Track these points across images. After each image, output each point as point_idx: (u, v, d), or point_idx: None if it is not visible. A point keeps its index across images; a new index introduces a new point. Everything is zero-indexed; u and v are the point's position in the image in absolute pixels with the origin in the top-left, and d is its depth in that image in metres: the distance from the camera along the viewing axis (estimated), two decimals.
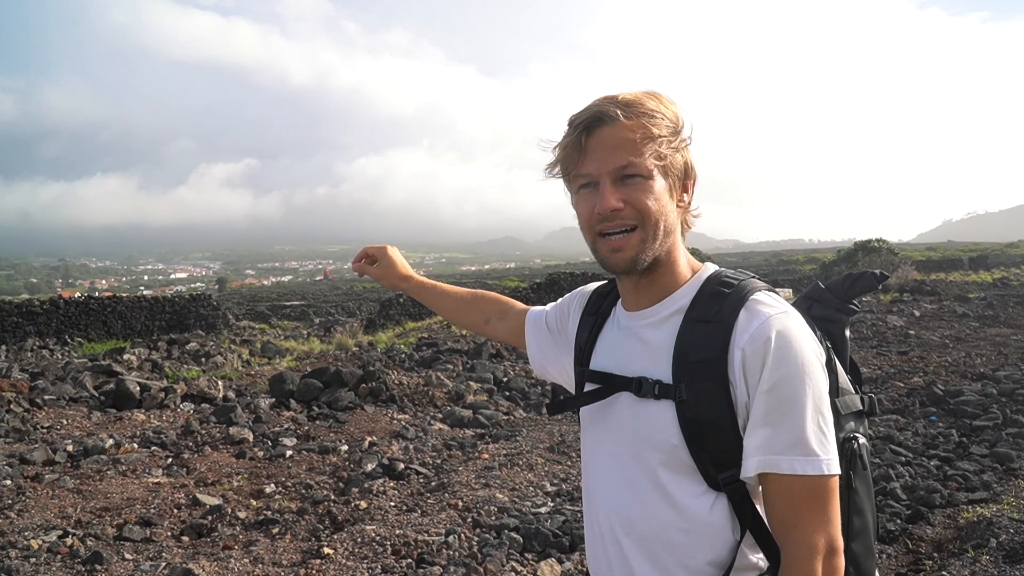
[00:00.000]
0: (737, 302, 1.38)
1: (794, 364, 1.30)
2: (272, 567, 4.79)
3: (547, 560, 4.77)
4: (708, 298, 1.42)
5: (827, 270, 32.49)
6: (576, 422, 8.56)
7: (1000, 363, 11.27)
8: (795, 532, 1.30)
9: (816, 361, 1.33)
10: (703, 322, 1.39)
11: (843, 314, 1.59)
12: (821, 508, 1.29)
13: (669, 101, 1.44)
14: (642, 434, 1.44)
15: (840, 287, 1.59)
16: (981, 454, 6.76)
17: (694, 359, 1.37)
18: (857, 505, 1.44)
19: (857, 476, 1.44)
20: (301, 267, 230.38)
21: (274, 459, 7.36)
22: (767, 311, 1.35)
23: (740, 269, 1.50)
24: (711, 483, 1.38)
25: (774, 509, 1.33)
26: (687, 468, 1.39)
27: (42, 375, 11.59)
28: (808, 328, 1.38)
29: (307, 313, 30.65)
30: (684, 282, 1.48)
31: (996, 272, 36.84)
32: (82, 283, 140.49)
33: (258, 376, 12.45)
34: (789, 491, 1.30)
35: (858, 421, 1.50)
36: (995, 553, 4.43)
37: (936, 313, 18.23)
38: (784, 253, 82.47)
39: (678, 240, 1.48)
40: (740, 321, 1.35)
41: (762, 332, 1.32)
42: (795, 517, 1.30)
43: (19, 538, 5.18)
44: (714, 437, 1.36)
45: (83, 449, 7.55)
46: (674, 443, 1.39)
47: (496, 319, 1.99)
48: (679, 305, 1.45)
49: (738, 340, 1.34)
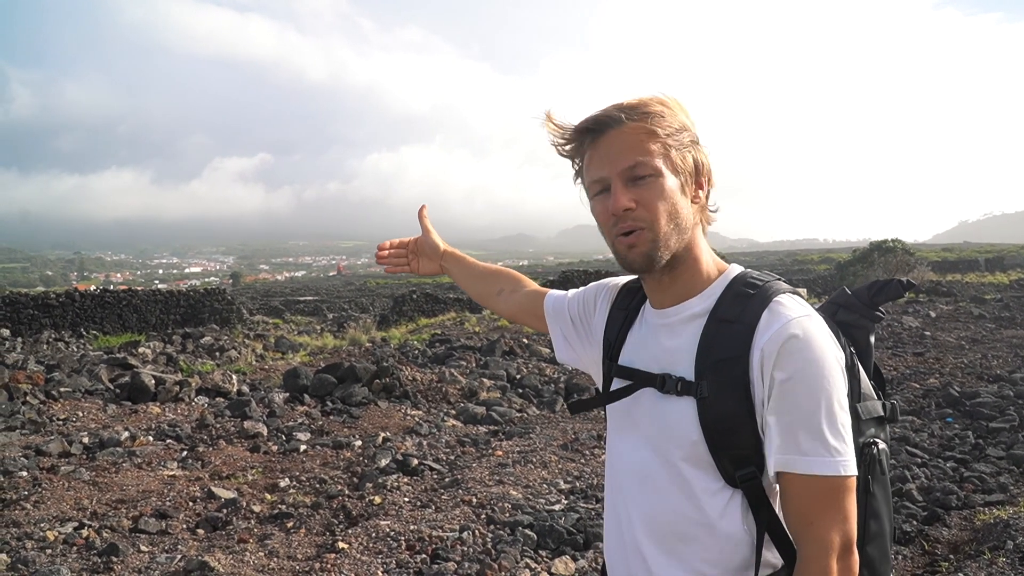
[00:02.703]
0: (760, 303, 1.39)
1: (812, 366, 1.31)
2: (287, 560, 4.81)
3: (561, 557, 4.77)
4: (733, 298, 1.43)
5: (842, 270, 32.29)
6: (589, 420, 8.55)
7: (1017, 365, 11.19)
8: (811, 530, 1.32)
9: (835, 364, 1.34)
10: (727, 322, 1.41)
11: (868, 320, 1.59)
12: (837, 507, 1.31)
13: (675, 103, 1.46)
14: (664, 430, 1.46)
15: (866, 294, 1.59)
16: (997, 456, 6.72)
17: (716, 358, 1.39)
18: (874, 509, 1.45)
19: (875, 481, 1.45)
20: (315, 262, 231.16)
21: (288, 453, 7.38)
22: (789, 313, 1.36)
23: (765, 271, 1.51)
24: (728, 480, 1.41)
25: (791, 507, 1.35)
26: (706, 464, 1.41)
27: (58, 367, 11.68)
28: (828, 331, 1.38)
29: (320, 308, 30.75)
30: (710, 281, 1.49)
31: (1013, 273, 36.60)
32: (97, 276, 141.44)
33: (272, 370, 12.50)
34: (806, 490, 1.32)
35: (879, 427, 1.51)
36: (1012, 555, 4.39)
37: (952, 314, 18.11)
38: (798, 253, 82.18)
39: (698, 238, 1.49)
40: (762, 322, 1.37)
41: (781, 334, 1.33)
42: (811, 515, 1.32)
43: (35, 529, 5.22)
44: (732, 434, 1.38)
45: (99, 441, 7.59)
46: (694, 439, 1.41)
47: (508, 292, 2.02)
48: (705, 305, 1.46)
49: (759, 341, 1.35)
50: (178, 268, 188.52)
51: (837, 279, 31.26)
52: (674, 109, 1.45)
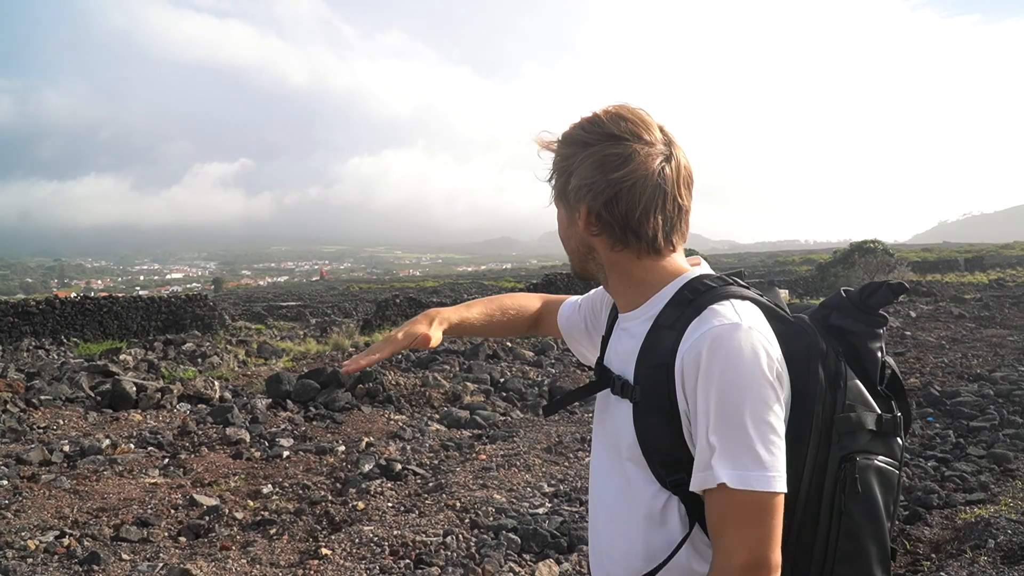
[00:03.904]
0: (695, 310, 1.37)
1: (727, 376, 1.27)
2: (270, 568, 4.78)
3: (545, 561, 4.77)
4: (676, 304, 1.42)
5: (823, 271, 32.48)
6: (573, 423, 8.60)
7: (996, 364, 11.30)
8: (720, 542, 1.30)
9: (759, 374, 1.28)
10: (666, 328, 1.40)
11: (865, 325, 1.50)
12: (749, 523, 1.26)
13: (589, 123, 1.44)
14: (612, 430, 1.51)
15: (857, 297, 1.51)
16: (978, 455, 6.78)
17: (649, 364, 1.40)
18: (847, 529, 1.37)
19: (851, 500, 1.37)
20: (297, 267, 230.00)
21: (271, 460, 7.34)
22: (714, 321, 1.32)
23: (728, 273, 1.49)
24: (662, 483, 1.41)
25: (708, 516, 1.33)
26: (643, 466, 1.43)
27: (38, 375, 11.56)
28: (758, 340, 1.31)
29: (303, 314, 30.58)
30: (661, 287, 1.47)
31: (992, 273, 36.92)
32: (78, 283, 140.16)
33: (255, 376, 12.43)
34: (717, 501, 1.29)
35: (875, 441, 1.42)
36: (993, 554, 4.43)
37: (932, 314, 18.27)
38: (780, 254, 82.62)
39: (615, 260, 1.48)
40: (688, 329, 1.35)
41: (700, 342, 1.31)
42: (720, 527, 1.30)
43: (16, 538, 5.16)
44: (660, 440, 1.39)
45: (79, 449, 7.53)
46: (630, 441, 1.44)
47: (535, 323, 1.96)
48: (653, 311, 1.46)
49: (682, 348, 1.34)
50: (159, 274, 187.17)
51: (818, 280, 31.45)
52: (578, 133, 1.45)
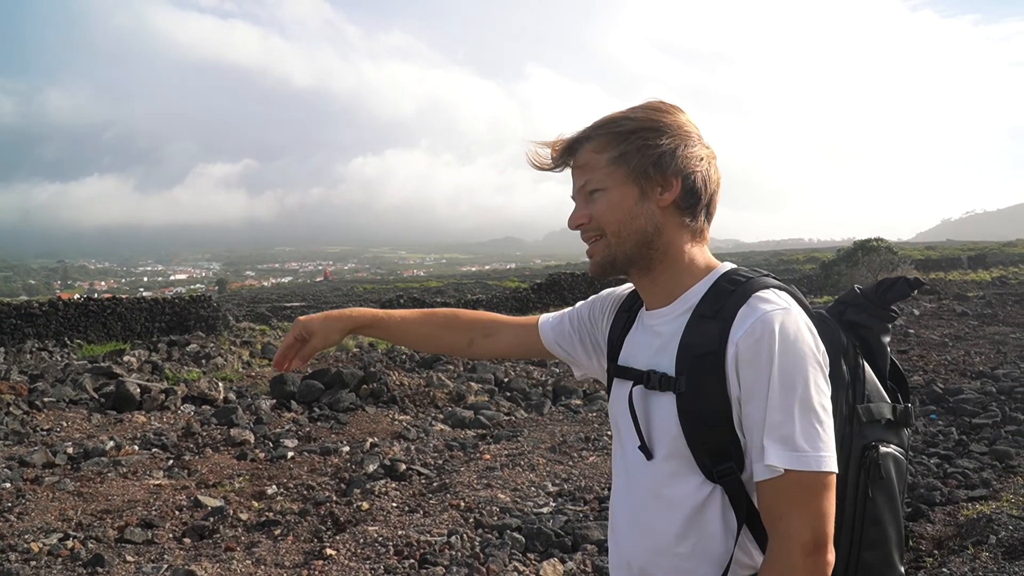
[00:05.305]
0: (740, 298, 1.41)
1: (784, 360, 1.32)
2: (275, 568, 4.79)
3: (549, 560, 4.78)
4: (715, 295, 1.45)
5: (827, 269, 32.47)
6: (577, 423, 8.59)
7: (999, 361, 11.30)
8: (779, 524, 1.33)
9: (811, 358, 1.34)
10: (706, 318, 1.43)
11: (877, 320, 1.57)
12: (808, 502, 1.31)
13: (652, 107, 1.50)
14: (647, 425, 1.50)
15: (873, 293, 1.58)
16: (980, 452, 6.78)
17: (695, 353, 1.41)
18: (872, 515, 1.44)
19: (875, 485, 1.44)
20: (301, 268, 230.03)
21: (275, 460, 7.36)
22: (765, 307, 1.37)
23: (755, 268, 1.52)
24: (708, 475, 1.42)
25: (762, 501, 1.36)
26: (686, 459, 1.43)
27: (41, 377, 11.58)
28: (806, 326, 1.38)
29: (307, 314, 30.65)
30: (697, 280, 1.51)
31: (995, 271, 36.90)
32: (81, 284, 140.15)
33: (259, 377, 12.45)
34: (776, 484, 1.32)
35: (889, 431, 1.50)
36: (995, 550, 4.44)
37: (935, 312, 18.26)
38: (784, 253, 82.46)
39: (676, 239, 1.51)
40: (738, 317, 1.38)
41: (755, 328, 1.35)
42: (780, 510, 1.33)
43: (19, 541, 5.18)
44: (709, 429, 1.40)
45: (83, 451, 7.54)
46: (673, 434, 1.44)
47: (481, 338, 1.91)
48: (690, 303, 1.49)
49: (734, 336, 1.37)
50: (163, 275, 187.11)
51: (823, 279, 31.45)
52: (647, 114, 1.48)
